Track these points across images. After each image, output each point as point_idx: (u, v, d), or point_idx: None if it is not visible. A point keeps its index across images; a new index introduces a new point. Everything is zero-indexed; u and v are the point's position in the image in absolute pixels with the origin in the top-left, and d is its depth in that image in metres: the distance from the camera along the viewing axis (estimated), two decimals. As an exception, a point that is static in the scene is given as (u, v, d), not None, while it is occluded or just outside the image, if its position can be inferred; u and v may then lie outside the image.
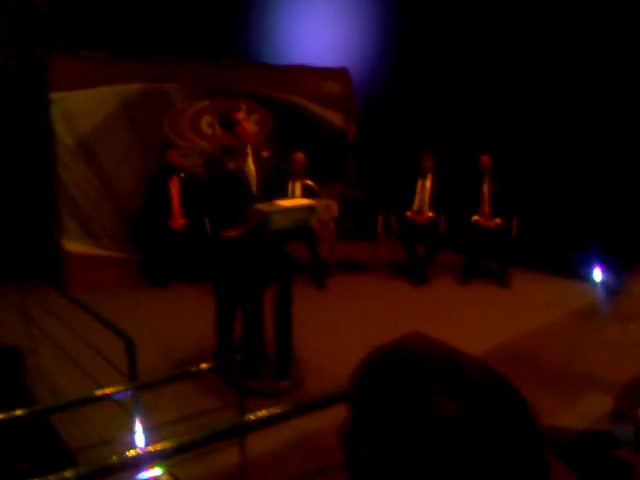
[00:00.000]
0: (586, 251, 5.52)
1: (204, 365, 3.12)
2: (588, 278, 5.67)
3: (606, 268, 5.59)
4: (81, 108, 6.03)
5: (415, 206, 6.60)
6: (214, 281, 4.27)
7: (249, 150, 3.96)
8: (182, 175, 6.41)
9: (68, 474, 1.48)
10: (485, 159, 6.25)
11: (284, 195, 5.72)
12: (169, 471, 2.25)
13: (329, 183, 6.89)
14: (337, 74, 7.65)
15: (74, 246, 6.22)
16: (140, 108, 6.41)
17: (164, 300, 5.91)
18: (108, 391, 2.68)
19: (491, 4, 6.67)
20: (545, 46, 6.17)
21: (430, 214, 6.49)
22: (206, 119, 6.87)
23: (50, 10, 6.33)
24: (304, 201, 4.07)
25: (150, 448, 1.76)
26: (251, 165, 3.99)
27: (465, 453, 0.60)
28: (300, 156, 6.31)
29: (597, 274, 5.51)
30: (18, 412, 2.32)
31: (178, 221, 6.42)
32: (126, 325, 3.00)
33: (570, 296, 5.67)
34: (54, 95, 5.91)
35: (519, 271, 6.27)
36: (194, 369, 3.03)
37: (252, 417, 2.07)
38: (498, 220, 6.17)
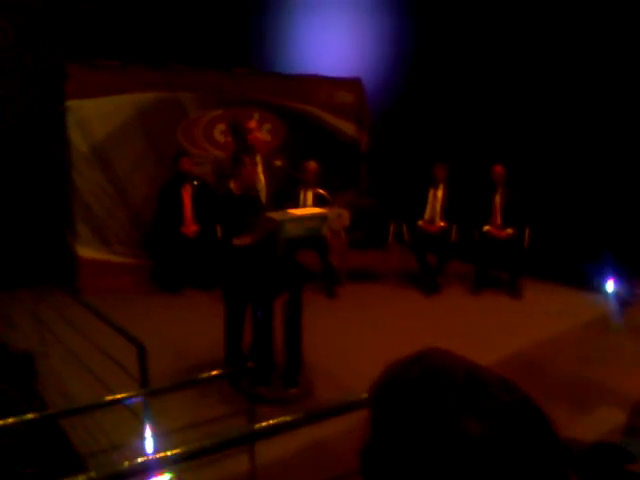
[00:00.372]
0: (599, 262, 5.50)
1: (214, 372, 3.14)
2: (601, 289, 5.63)
3: (619, 279, 5.57)
4: (96, 116, 6.07)
5: (427, 215, 6.55)
6: (225, 288, 4.26)
7: (259, 159, 3.99)
8: (195, 183, 6.40)
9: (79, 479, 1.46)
10: (498, 169, 6.25)
11: (296, 204, 5.75)
12: (178, 477, 2.25)
13: (341, 192, 6.91)
14: (350, 84, 7.66)
15: (87, 252, 6.26)
16: (154, 117, 6.42)
17: (176, 307, 5.88)
18: (119, 396, 2.69)
19: (504, 17, 6.66)
20: (559, 59, 6.16)
21: (442, 224, 6.45)
22: (219, 128, 6.86)
23: (66, 19, 6.43)
24: (316, 210, 4.06)
25: (160, 454, 1.71)
26: (261, 175, 3.99)
27: (491, 471, 0.60)
28: (312, 165, 6.29)
29: (610, 285, 5.46)
30: (29, 416, 2.30)
31: (190, 228, 6.41)
32: (138, 331, 3.00)
33: (582, 307, 5.59)
34: (70, 103, 5.97)
35: (531, 282, 6.24)
36: (204, 376, 3.03)
37: (262, 425, 2.06)
38: (510, 230, 6.16)
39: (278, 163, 4.10)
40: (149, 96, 6.44)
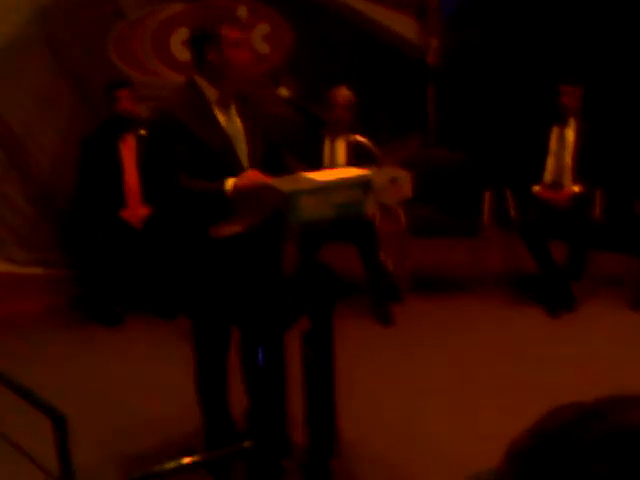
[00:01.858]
0: None
1: (186, 459, 2.73)
2: None
3: None
4: None
5: (548, 176, 5.08)
6: (196, 314, 3.40)
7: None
8: (142, 133, 5.01)
9: None
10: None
11: (317, 162, 4.60)
12: None
13: (396, 139, 5.49)
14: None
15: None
16: (66, 20, 5.20)
17: (115, 348, 4.75)
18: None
19: None
20: None
21: (575, 188, 5.06)
22: (179, 35, 5.41)
23: None
24: (352, 171, 3.19)
25: None
26: (236, 119, 3.14)
27: None
28: (344, 94, 4.91)
29: None
30: None
31: (135, 211, 5.10)
32: (53, 393, 2.47)
33: None
34: None
35: None
36: (169, 466, 2.65)
37: None
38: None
39: (284, 93, 3.23)
40: None
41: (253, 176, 3.02)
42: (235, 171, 3.16)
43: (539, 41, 6.24)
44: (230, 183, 2.97)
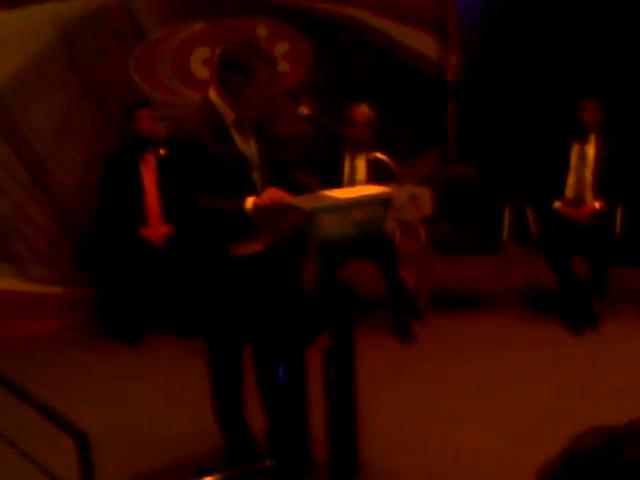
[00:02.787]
0: None
1: (208, 479, 2.71)
2: None
3: None
4: None
5: (569, 191, 5.01)
6: (215, 332, 3.31)
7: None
8: (162, 152, 4.96)
9: None
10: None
11: (337, 179, 4.59)
12: None
13: (416, 156, 5.45)
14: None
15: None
16: (88, 40, 5.17)
17: (135, 366, 4.71)
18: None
19: None
20: None
21: (596, 204, 5.00)
22: (200, 54, 5.45)
23: None
24: (373, 189, 3.24)
25: None
26: (251, 141, 3.07)
27: None
28: (363, 111, 4.86)
29: None
30: None
31: (156, 229, 5.05)
32: (75, 412, 2.37)
33: None
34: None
35: None
36: None
37: None
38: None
39: (304, 111, 3.18)
40: (78, 5, 5.07)
41: (274, 194, 2.98)
42: (249, 191, 3.10)
43: (559, 57, 6.16)
44: (250, 201, 2.95)
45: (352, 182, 4.83)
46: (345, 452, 3.47)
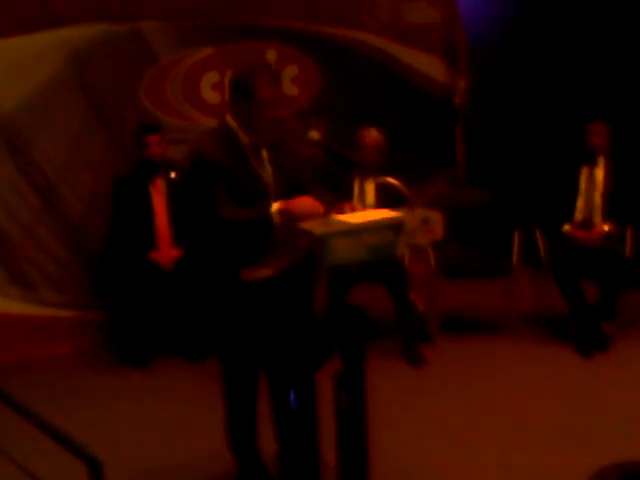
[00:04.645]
0: None
1: None
2: None
3: None
4: (3, 70, 5.00)
5: (579, 214, 5.03)
6: (227, 357, 3.38)
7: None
8: (172, 176, 5.12)
9: None
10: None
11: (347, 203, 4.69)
12: None
13: (425, 180, 5.46)
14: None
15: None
16: (100, 66, 5.22)
17: (145, 390, 4.69)
18: None
19: None
20: None
21: (606, 227, 5.02)
22: (209, 79, 5.49)
23: None
24: (384, 213, 3.22)
25: None
26: (267, 166, 3.13)
27: None
28: (373, 135, 4.91)
29: None
30: None
31: (166, 253, 5.08)
32: (86, 437, 2.26)
33: None
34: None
35: None
36: None
37: None
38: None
39: (315, 136, 3.15)
40: (91, 31, 5.12)
41: (307, 202, 2.93)
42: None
43: (567, 80, 6.17)
44: (276, 205, 2.92)
45: (362, 206, 4.72)
46: (356, 476, 3.42)
